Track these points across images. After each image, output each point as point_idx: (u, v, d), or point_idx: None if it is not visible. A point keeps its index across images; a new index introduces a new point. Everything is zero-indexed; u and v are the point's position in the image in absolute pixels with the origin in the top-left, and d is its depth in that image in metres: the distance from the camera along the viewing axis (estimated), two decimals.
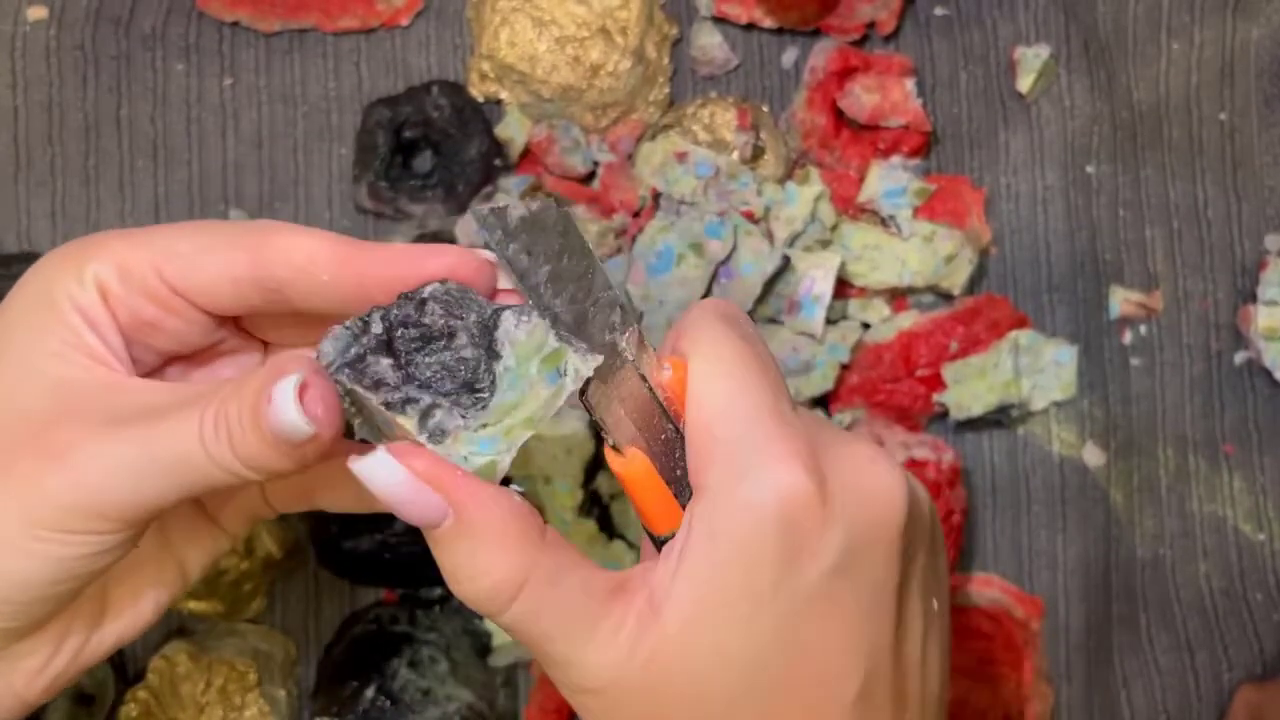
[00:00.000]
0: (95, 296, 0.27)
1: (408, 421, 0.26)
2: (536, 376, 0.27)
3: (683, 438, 0.29)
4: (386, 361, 0.26)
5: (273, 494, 0.33)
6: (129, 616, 0.31)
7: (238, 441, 0.26)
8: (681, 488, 0.29)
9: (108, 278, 0.28)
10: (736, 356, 0.28)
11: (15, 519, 0.26)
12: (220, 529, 0.33)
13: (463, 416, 0.27)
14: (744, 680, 0.27)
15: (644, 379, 0.29)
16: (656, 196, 0.53)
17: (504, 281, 0.29)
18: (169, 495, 0.26)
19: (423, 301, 0.27)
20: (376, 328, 0.27)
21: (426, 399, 0.26)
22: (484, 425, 0.27)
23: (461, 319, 0.27)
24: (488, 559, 0.26)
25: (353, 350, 0.26)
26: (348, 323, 0.27)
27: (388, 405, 0.26)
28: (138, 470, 0.26)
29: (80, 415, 0.26)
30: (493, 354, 0.27)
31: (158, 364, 0.30)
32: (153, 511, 0.27)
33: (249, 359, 0.32)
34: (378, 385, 0.26)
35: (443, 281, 0.27)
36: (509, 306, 0.27)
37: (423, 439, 0.26)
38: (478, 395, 0.27)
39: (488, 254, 0.29)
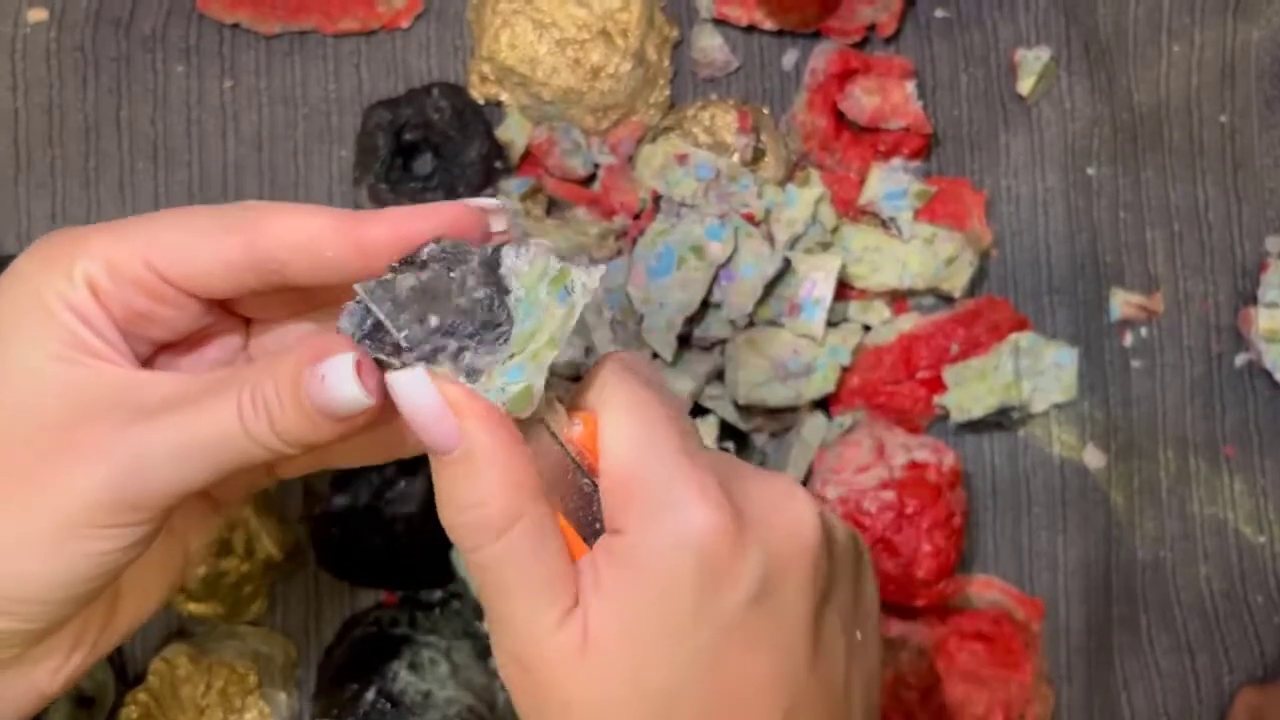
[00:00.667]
0: (86, 294, 0.27)
1: (441, 368, 0.27)
2: (548, 299, 0.28)
3: (599, 491, 0.29)
4: (404, 318, 0.27)
5: (279, 464, 0.33)
6: (140, 602, 0.32)
7: (277, 418, 0.27)
8: (587, 533, 0.29)
9: (97, 274, 0.27)
10: (642, 405, 0.29)
11: (49, 521, 0.26)
12: (217, 505, 0.33)
13: (490, 354, 0.28)
14: (659, 709, 0.28)
15: (554, 436, 0.29)
16: (657, 199, 0.53)
17: (497, 225, 0.30)
18: (204, 478, 0.27)
19: (423, 264, 0.28)
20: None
21: (453, 344, 0.27)
22: (511, 356, 0.28)
23: (466, 263, 0.28)
24: (488, 490, 0.27)
25: (369, 321, 0.27)
26: (358, 297, 0.27)
27: (422, 359, 0.27)
28: (174, 457, 0.26)
29: (100, 413, 0.27)
30: (502, 290, 0.28)
31: (150, 354, 0.30)
32: (186, 496, 0.27)
33: (232, 340, 0.32)
34: (398, 350, 0.27)
35: (436, 240, 0.28)
36: (505, 243, 0.28)
37: (460, 379, 0.27)
38: (499, 330, 0.28)
39: (483, 201, 0.29)
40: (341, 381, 0.26)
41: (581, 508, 0.29)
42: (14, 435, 0.27)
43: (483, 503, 0.27)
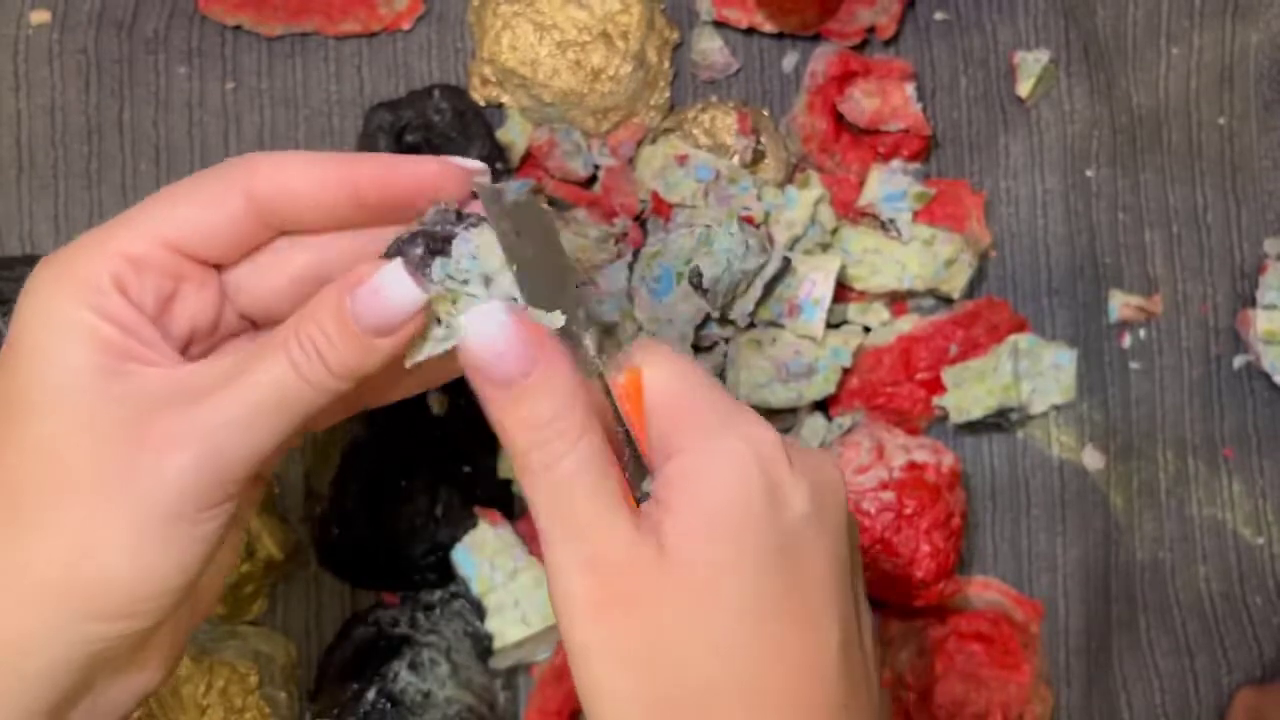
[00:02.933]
0: (119, 298, 0.28)
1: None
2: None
3: (631, 441, 0.31)
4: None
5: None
6: (214, 585, 0.33)
7: (327, 352, 0.28)
8: (629, 485, 0.31)
9: (122, 271, 0.28)
10: (682, 356, 0.31)
11: (148, 514, 0.27)
12: (261, 478, 0.34)
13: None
14: (746, 609, 0.28)
15: (602, 378, 0.31)
16: (644, 223, 0.53)
17: (480, 180, 0.31)
18: (276, 438, 0.28)
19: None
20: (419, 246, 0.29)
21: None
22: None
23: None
24: (565, 401, 0.28)
25: (418, 250, 0.29)
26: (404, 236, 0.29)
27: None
28: (244, 426, 0.28)
29: (162, 408, 0.28)
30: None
31: (181, 350, 0.31)
32: (264, 459, 0.28)
33: (247, 340, 0.33)
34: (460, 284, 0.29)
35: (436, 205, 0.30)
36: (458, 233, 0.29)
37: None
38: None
39: (465, 161, 0.30)
40: (400, 282, 0.27)
41: (617, 452, 0.30)
42: (87, 451, 0.27)
43: (561, 415, 0.28)
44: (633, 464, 0.31)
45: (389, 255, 0.28)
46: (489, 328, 0.28)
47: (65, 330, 0.28)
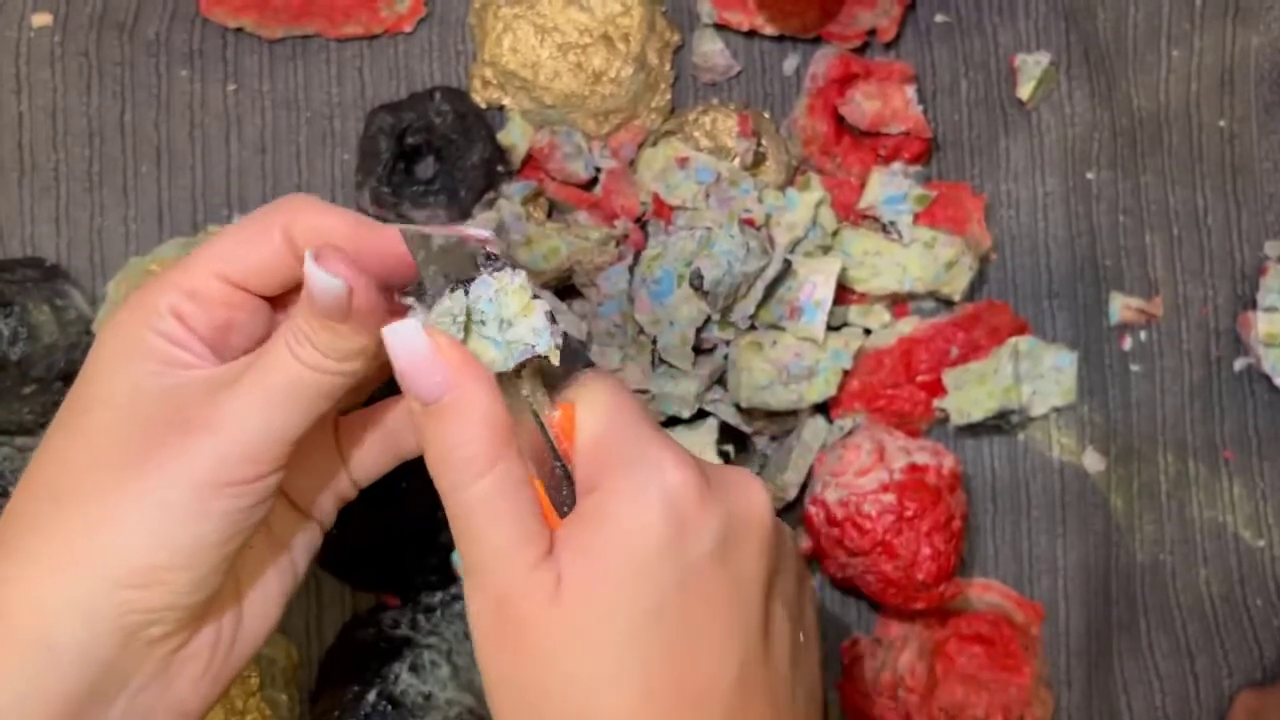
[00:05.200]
0: (173, 321, 0.32)
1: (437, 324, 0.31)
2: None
3: (569, 476, 0.32)
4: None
5: (356, 462, 0.36)
6: (262, 613, 0.35)
7: (312, 337, 0.31)
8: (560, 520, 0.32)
9: (179, 302, 0.32)
10: (617, 391, 0.33)
11: (183, 489, 0.30)
12: (313, 520, 0.36)
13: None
14: (628, 646, 0.29)
15: (536, 415, 0.32)
16: (645, 225, 0.53)
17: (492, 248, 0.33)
18: (294, 419, 0.31)
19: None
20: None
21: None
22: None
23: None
24: (475, 430, 0.30)
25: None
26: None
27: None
28: (262, 407, 0.30)
29: (200, 398, 0.31)
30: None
31: None
32: (288, 443, 0.31)
33: None
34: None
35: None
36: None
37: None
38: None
39: (477, 232, 0.32)
40: (312, 272, 0.29)
41: (554, 488, 0.32)
42: (123, 435, 0.31)
43: (471, 441, 0.30)
44: (569, 500, 0.32)
45: (410, 293, 0.31)
46: (406, 341, 0.30)
47: (127, 344, 0.32)
